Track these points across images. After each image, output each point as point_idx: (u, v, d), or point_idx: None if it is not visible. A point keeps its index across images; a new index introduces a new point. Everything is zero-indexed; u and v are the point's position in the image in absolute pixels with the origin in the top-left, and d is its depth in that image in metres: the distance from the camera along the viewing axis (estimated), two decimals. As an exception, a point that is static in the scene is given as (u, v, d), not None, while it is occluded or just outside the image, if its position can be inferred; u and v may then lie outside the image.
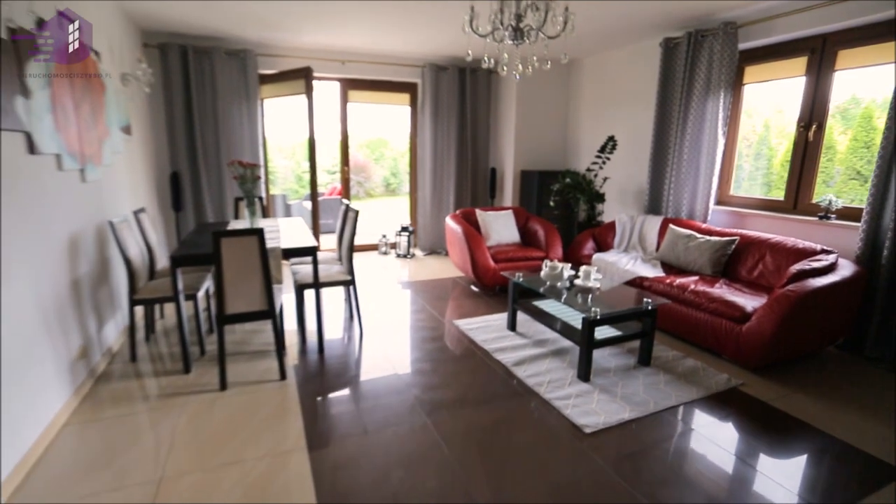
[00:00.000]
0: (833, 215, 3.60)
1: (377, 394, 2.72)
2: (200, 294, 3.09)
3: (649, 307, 2.97)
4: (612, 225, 4.68)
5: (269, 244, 2.93)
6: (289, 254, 2.94)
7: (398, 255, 6.01)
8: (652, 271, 3.84)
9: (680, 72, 4.39)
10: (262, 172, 5.20)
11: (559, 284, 3.27)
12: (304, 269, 3.41)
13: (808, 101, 3.81)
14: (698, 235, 3.90)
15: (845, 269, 3.10)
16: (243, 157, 5.07)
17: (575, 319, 3.30)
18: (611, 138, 4.85)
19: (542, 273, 3.33)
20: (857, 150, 3.92)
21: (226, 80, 4.89)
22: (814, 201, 3.81)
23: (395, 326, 3.73)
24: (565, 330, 3.18)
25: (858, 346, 3.34)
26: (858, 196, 3.72)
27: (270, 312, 2.71)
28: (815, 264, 3.09)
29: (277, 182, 12.09)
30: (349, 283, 3.43)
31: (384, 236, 6.20)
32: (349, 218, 3.52)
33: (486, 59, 2.83)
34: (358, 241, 6.38)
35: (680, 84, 4.40)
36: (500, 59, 2.87)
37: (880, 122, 3.72)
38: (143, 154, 4.35)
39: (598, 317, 2.76)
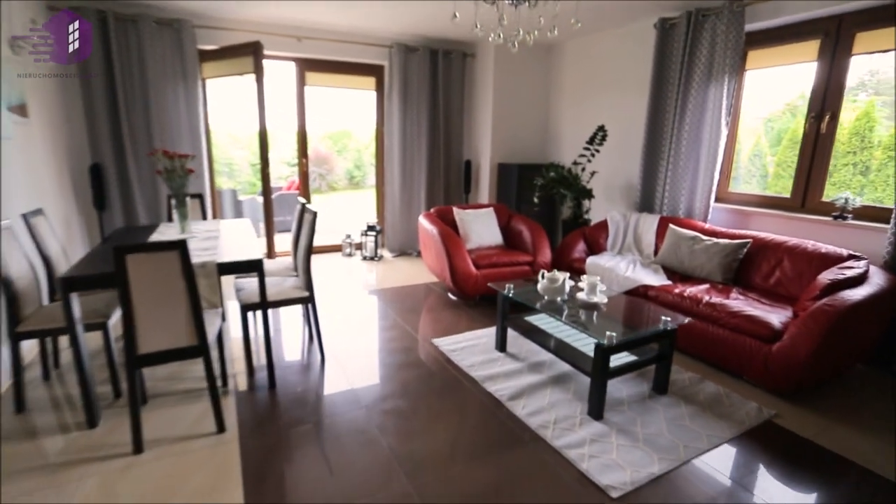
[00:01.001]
0: (850, 215, 3.23)
1: (343, 447, 2.11)
2: (113, 321, 2.38)
3: (668, 327, 2.48)
4: (603, 224, 4.20)
5: (201, 258, 2.25)
6: (227, 269, 2.28)
7: (364, 258, 5.36)
8: (655, 278, 3.37)
9: (678, 55, 3.93)
10: (204, 164, 4.44)
11: (559, 300, 2.75)
12: (251, 284, 2.73)
13: (821, 89, 3.41)
14: (704, 237, 3.46)
15: (878, 278, 2.71)
16: (181, 147, 4.29)
17: (579, 341, 2.79)
18: (601, 128, 4.36)
19: (540, 286, 2.78)
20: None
21: (157, 55, 4.10)
22: (825, 199, 3.44)
23: (364, 349, 3.11)
24: (567, 353, 2.65)
25: (885, 360, 2.98)
26: (867, 193, 3.36)
27: (201, 348, 2.05)
28: (848, 273, 2.68)
29: (234, 175, 11.11)
30: (306, 301, 2.79)
31: (348, 236, 5.53)
32: (306, 220, 2.87)
33: (476, 25, 2.24)
34: (320, 242, 5.69)
35: (678, 69, 3.93)
36: (492, 28, 2.29)
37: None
38: (49, 142, 3.52)
39: (615, 343, 2.25)
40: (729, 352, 2.77)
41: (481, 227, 4.16)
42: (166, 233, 2.87)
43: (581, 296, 2.74)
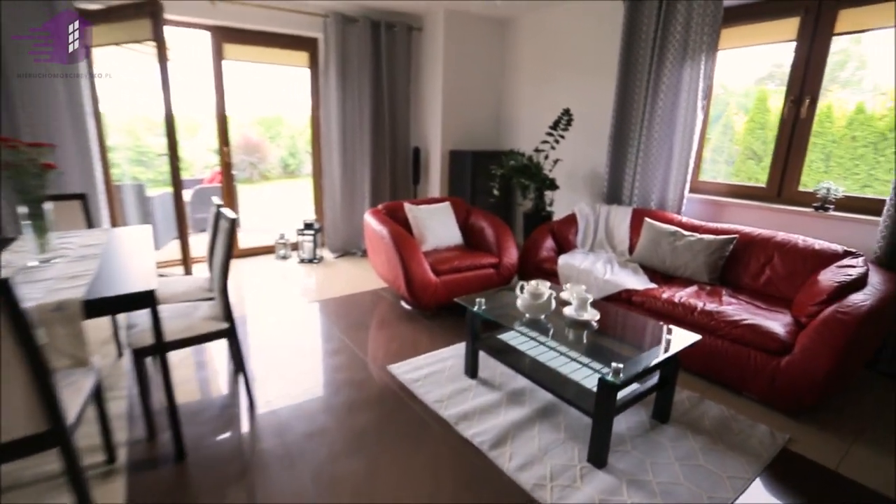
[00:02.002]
0: (831, 206, 2.99)
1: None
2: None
3: (674, 348, 2.07)
4: (572, 219, 3.78)
5: (60, 294, 1.54)
6: (100, 308, 1.58)
7: (302, 260, 4.65)
8: (638, 281, 2.99)
9: (650, 32, 3.54)
10: (94, 154, 3.54)
11: (544, 318, 2.27)
12: (145, 319, 2.03)
13: (800, 71, 3.14)
14: (685, 233, 3.11)
15: (876, 277, 2.45)
16: (60, 135, 3.38)
17: (567, 365, 2.33)
18: (566, 112, 3.92)
19: (520, 302, 2.28)
20: (754, 130, 3.59)
21: (16, 15, 3.15)
22: (802, 189, 3.20)
23: (305, 385, 2.49)
24: (552, 380, 2.19)
25: (872, 360, 2.77)
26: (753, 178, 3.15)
27: (56, 434, 1.37)
28: (852, 273, 2.40)
29: (152, 166, 9.77)
30: (224, 335, 2.13)
31: (282, 237, 4.78)
32: (221, 229, 2.19)
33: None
34: (249, 244, 4.91)
35: (650, 47, 3.54)
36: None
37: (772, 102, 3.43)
38: None
39: (623, 377, 1.79)
40: (729, 366, 2.43)
41: (438, 226, 3.61)
42: (17, 255, 2.08)
43: (569, 312, 2.27)
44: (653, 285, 2.90)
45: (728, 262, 2.96)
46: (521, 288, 2.34)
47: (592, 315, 2.23)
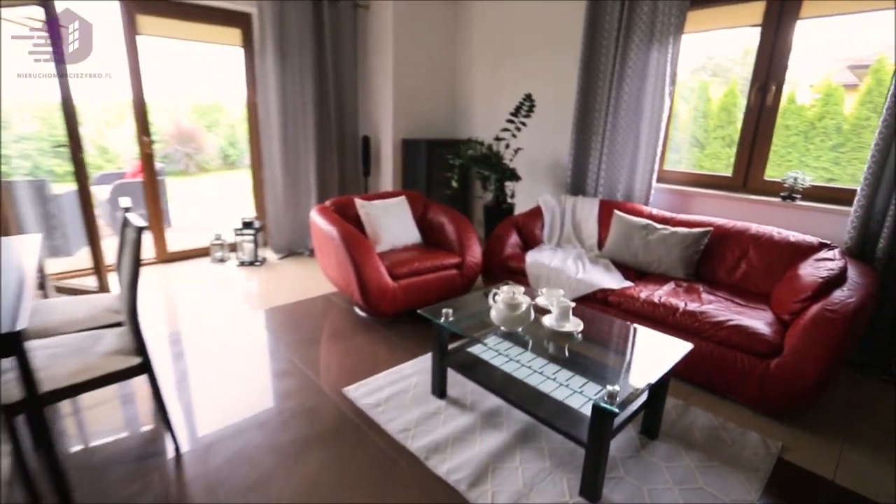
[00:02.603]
0: (799, 195, 2.90)
1: None
2: None
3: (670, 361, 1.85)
4: (537, 212, 3.53)
5: None
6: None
7: (242, 263, 4.15)
8: (612, 279, 2.78)
9: (614, 13, 3.30)
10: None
11: (521, 330, 1.99)
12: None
13: (765, 58, 3.01)
14: (658, 226, 2.93)
15: (854, 269, 2.35)
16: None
17: (546, 383, 2.06)
18: (527, 97, 3.64)
19: (495, 314, 1.98)
20: (696, 119, 3.61)
21: None
22: (767, 178, 3.10)
23: (246, 415, 2.09)
24: (530, 400, 1.93)
25: (845, 352, 2.71)
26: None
27: None
28: (831, 265, 2.28)
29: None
30: (136, 373, 1.69)
31: (219, 237, 4.25)
32: (128, 239, 1.74)
33: None
34: (181, 246, 4.33)
35: (615, 28, 3.32)
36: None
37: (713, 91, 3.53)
38: None
39: (620, 401, 1.54)
40: (714, 369, 2.26)
41: (394, 223, 3.25)
42: None
43: (549, 322, 2.00)
44: (629, 283, 2.69)
45: (702, 255, 2.81)
46: (494, 296, 2.05)
47: (575, 325, 1.97)
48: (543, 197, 3.58)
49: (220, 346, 2.72)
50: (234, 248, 4.36)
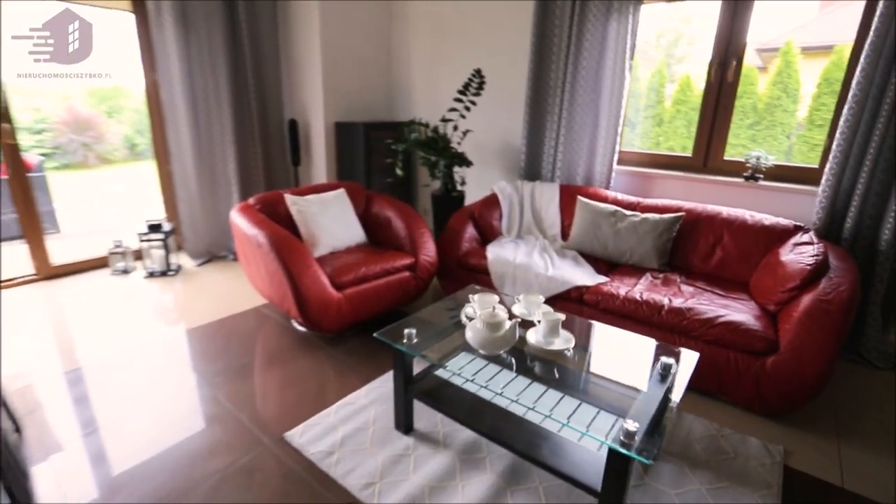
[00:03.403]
0: (761, 175, 2.77)
1: None
2: None
3: (671, 371, 1.59)
4: (492, 200, 3.17)
5: None
6: None
7: (151, 274, 3.46)
8: (584, 274, 2.50)
9: (567, -24, 2.98)
10: None
11: (504, 353, 1.63)
12: None
13: (725, 34, 2.82)
14: (627, 212, 2.69)
15: (832, 254, 2.23)
16: None
17: (532, 412, 1.73)
18: (477, 73, 3.25)
19: (471, 335, 1.60)
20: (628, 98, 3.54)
21: None
22: (727, 158, 2.96)
23: (158, 493, 1.59)
24: (525, 438, 1.60)
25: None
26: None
27: None
28: (811, 250, 2.13)
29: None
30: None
31: (119, 244, 3.52)
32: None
33: None
34: (73, 257, 3.54)
35: (569, -6, 3.00)
36: None
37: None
38: None
39: (639, 439, 1.24)
40: (705, 371, 2.04)
41: (333, 221, 2.76)
42: None
43: (535, 340, 1.66)
44: (603, 279, 2.42)
45: (674, 243, 2.60)
46: (466, 316, 1.68)
47: (566, 341, 1.65)
48: (499, 184, 3.24)
49: (121, 388, 2.14)
50: (139, 256, 3.65)
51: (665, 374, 1.58)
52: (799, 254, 2.14)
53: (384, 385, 2.15)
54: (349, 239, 2.79)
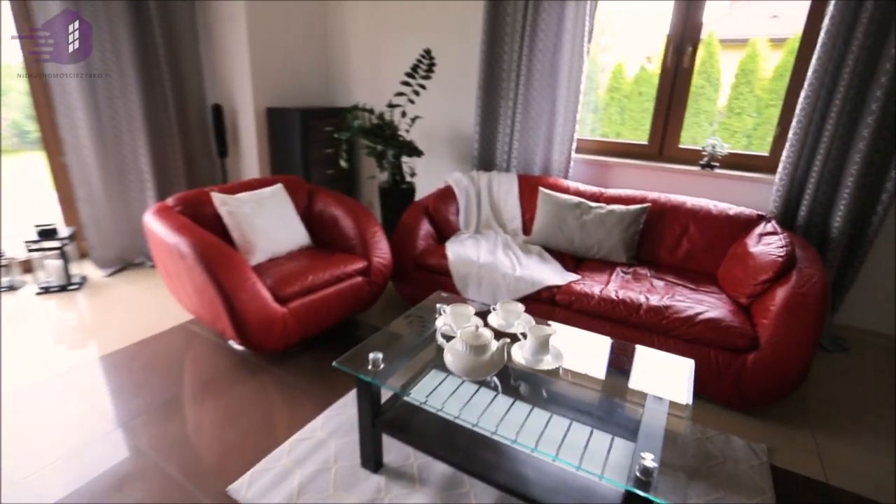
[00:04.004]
0: (717, 164, 2.74)
1: None
2: None
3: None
4: (447, 193, 2.92)
5: None
6: None
7: (46, 289, 2.89)
8: (552, 272, 2.33)
9: (520, -50, 2.75)
10: None
11: (490, 377, 1.41)
12: None
13: (681, 19, 2.73)
14: (592, 204, 2.55)
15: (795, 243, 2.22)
16: None
17: (526, 435, 1.54)
18: (427, 53, 2.96)
19: (451, 357, 1.36)
20: None
21: None
22: (682, 146, 2.91)
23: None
24: (514, 473, 1.40)
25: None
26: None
27: None
28: (779, 241, 2.09)
29: None
30: None
31: (0, 254, 2.90)
32: None
33: None
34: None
35: (523, -30, 2.77)
36: None
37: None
38: None
39: (657, 474, 1.08)
40: (684, 370, 1.95)
41: (271, 223, 2.39)
42: None
43: (521, 358, 1.46)
44: (574, 276, 2.27)
45: (641, 235, 2.50)
46: (442, 335, 1.44)
47: (556, 358, 1.46)
48: (454, 175, 2.99)
49: (6, 443, 1.69)
50: (29, 268, 3.04)
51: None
52: (767, 245, 2.10)
53: (344, 411, 1.87)
54: (291, 242, 2.44)
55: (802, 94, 2.31)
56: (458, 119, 3.39)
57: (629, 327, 2.03)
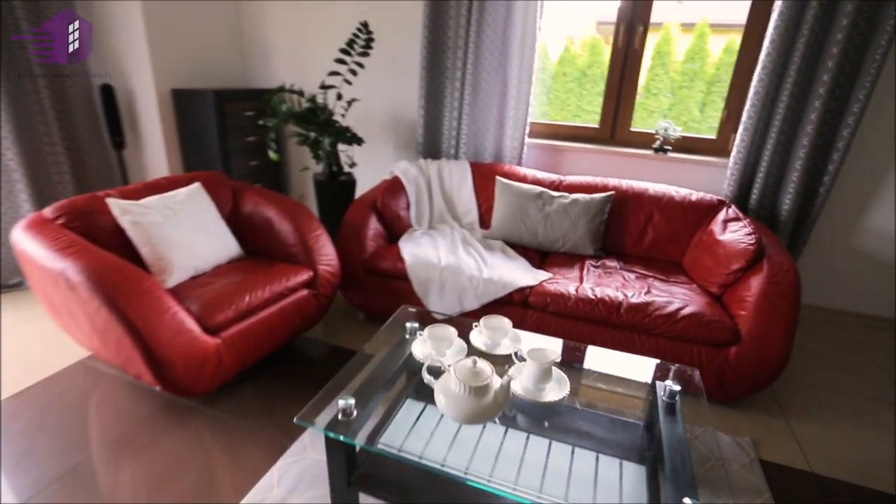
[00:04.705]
0: (670, 147, 2.68)
1: None
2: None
3: (675, 397, 1.32)
4: (395, 185, 2.59)
5: None
6: None
7: None
8: (522, 271, 2.13)
9: (463, -89, 2.45)
10: None
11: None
12: None
13: (630, -5, 2.60)
14: (554, 193, 2.38)
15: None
16: None
17: (530, 476, 1.33)
18: (364, 27, 2.58)
19: (444, 401, 1.10)
20: None
21: None
22: (634, 129, 2.82)
23: None
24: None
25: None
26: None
27: None
28: (746, 228, 2.05)
29: None
30: None
31: None
32: None
33: None
34: None
35: (467, -66, 2.48)
36: None
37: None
38: None
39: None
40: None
41: (189, 232, 1.95)
42: None
43: (522, 389, 1.24)
44: (545, 274, 2.09)
45: (606, 225, 2.38)
46: (429, 370, 1.18)
47: (560, 385, 1.26)
48: (400, 164, 2.68)
49: None
50: None
51: (673, 404, 1.31)
52: (733, 232, 2.04)
53: (303, 456, 1.56)
54: (217, 255, 2.01)
55: (755, 77, 2.28)
56: (400, 101, 3.06)
57: (609, 327, 1.89)
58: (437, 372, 1.21)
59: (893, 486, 1.59)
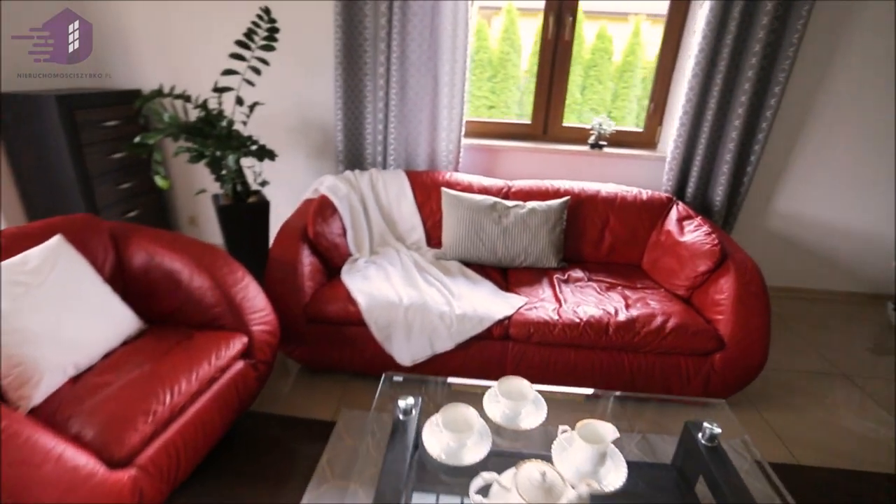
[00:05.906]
0: (605, 143, 2.62)
1: None
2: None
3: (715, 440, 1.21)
4: (325, 206, 2.14)
5: None
6: None
7: None
8: (493, 298, 1.88)
9: None
10: None
11: None
12: None
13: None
14: (509, 203, 2.15)
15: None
16: None
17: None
18: (266, 13, 2.06)
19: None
20: None
21: None
22: (566, 124, 2.71)
23: None
24: None
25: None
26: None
27: None
28: (703, 226, 2.04)
29: None
30: None
31: None
32: None
33: None
34: None
35: None
36: None
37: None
38: None
39: None
40: (655, 381, 1.78)
41: (53, 311, 1.35)
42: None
43: (572, 474, 1.01)
44: (520, 300, 1.86)
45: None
46: (480, 492, 0.89)
47: (618, 470, 1.05)
48: (326, 181, 2.24)
49: None
50: None
51: (714, 447, 1.19)
52: (692, 232, 2.02)
53: None
54: (107, 337, 1.44)
55: (690, 72, 2.26)
56: (311, 101, 2.58)
57: (597, 350, 1.75)
58: (485, 490, 0.92)
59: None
